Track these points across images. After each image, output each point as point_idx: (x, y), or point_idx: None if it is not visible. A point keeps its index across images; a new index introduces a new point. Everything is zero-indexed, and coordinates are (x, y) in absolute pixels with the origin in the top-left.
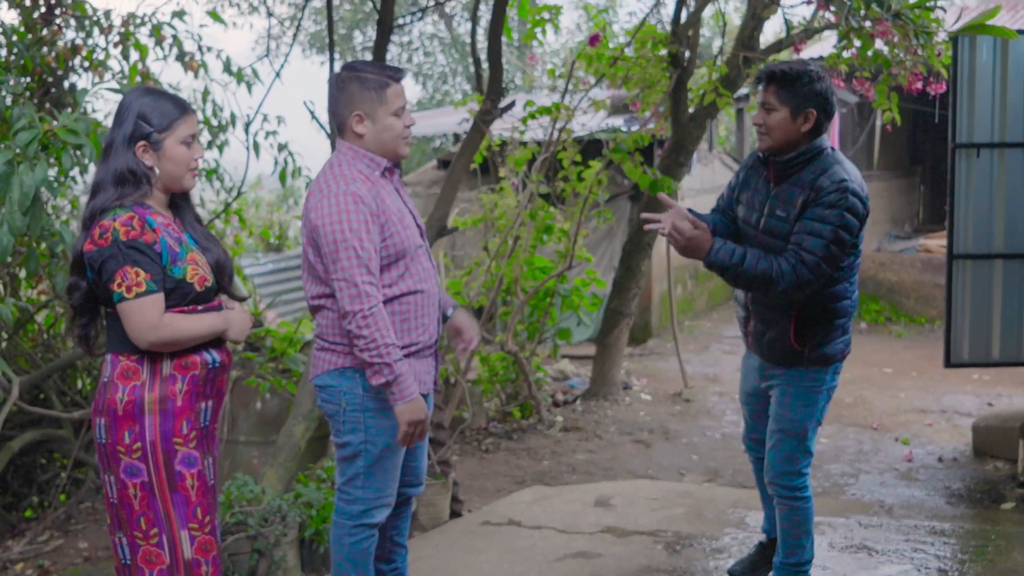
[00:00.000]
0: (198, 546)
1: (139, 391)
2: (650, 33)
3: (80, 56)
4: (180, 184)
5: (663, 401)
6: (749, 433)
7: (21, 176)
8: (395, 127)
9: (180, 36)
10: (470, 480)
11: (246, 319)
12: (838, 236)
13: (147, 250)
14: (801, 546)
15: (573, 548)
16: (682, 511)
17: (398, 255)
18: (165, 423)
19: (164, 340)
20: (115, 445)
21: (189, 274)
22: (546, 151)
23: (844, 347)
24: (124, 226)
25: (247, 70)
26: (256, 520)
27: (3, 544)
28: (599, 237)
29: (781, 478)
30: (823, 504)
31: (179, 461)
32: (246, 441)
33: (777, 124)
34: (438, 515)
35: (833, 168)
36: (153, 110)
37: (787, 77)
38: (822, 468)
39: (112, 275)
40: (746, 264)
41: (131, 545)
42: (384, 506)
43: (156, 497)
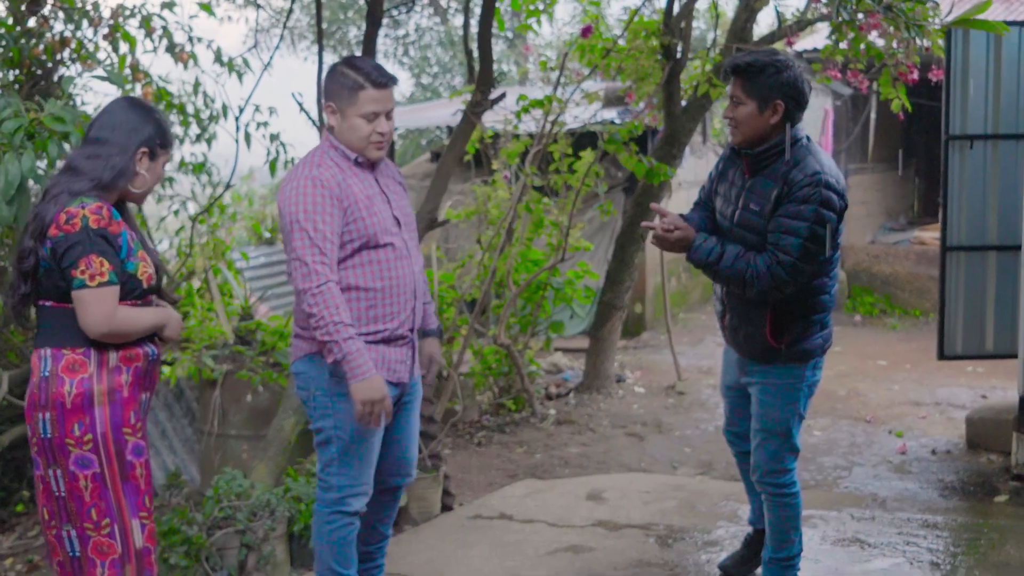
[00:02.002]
0: (148, 534)
1: (88, 383)
2: (643, 24)
3: (69, 48)
4: (142, 198)
5: (657, 394)
6: (729, 427)
7: (6, 165)
8: (361, 129)
9: (170, 27)
10: (462, 473)
11: (180, 320)
12: (814, 233)
13: (112, 241)
14: (790, 540)
15: (564, 542)
16: (675, 504)
17: (363, 241)
18: (115, 414)
19: (115, 331)
20: (64, 438)
21: (140, 270)
22: (538, 144)
23: (824, 342)
24: (94, 214)
25: (238, 60)
26: (244, 515)
27: None
28: (594, 229)
29: (768, 476)
30: (815, 497)
31: (130, 451)
32: (237, 435)
33: (745, 117)
34: (429, 509)
35: (806, 160)
36: (162, 127)
37: (752, 69)
38: (815, 461)
39: (76, 261)
40: (722, 264)
41: (81, 537)
42: (360, 494)
43: (108, 487)
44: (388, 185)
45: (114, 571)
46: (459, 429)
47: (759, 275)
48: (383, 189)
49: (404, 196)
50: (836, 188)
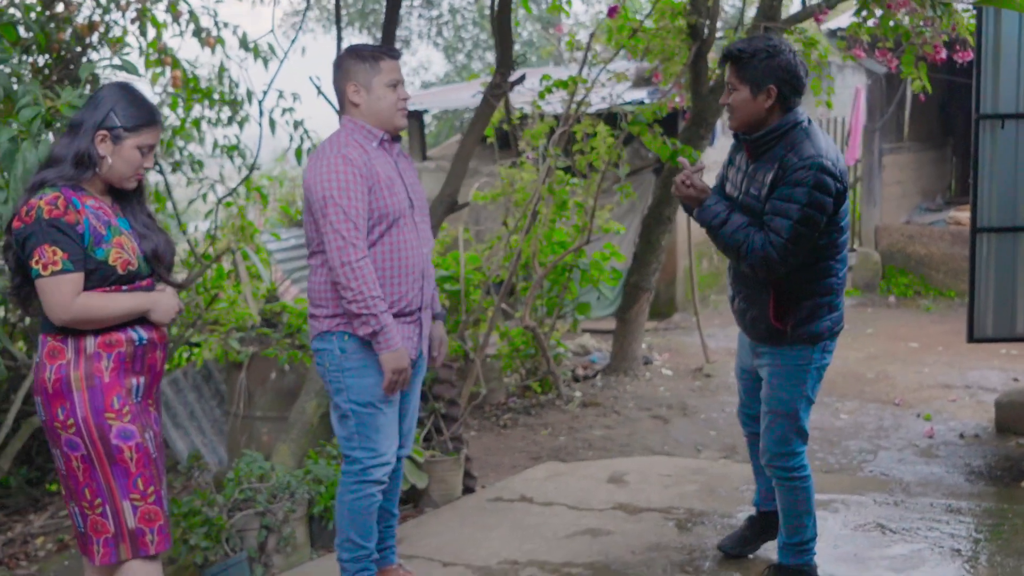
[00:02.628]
0: (141, 516)
1: (65, 369)
2: (670, 4)
3: (98, 33)
4: (123, 183)
5: (684, 376)
6: (743, 408)
7: (24, 153)
8: (388, 97)
9: (196, 12)
10: (486, 456)
11: (172, 302)
12: (806, 215)
13: (68, 230)
14: (804, 525)
15: (583, 525)
16: (695, 488)
17: (381, 219)
18: (95, 399)
19: (77, 318)
20: (52, 422)
21: (112, 257)
22: (563, 125)
23: (832, 325)
24: (48, 205)
25: (263, 46)
26: (265, 496)
27: (26, 518)
28: (623, 211)
29: (777, 459)
30: (838, 481)
31: (115, 435)
32: (262, 416)
33: (740, 103)
34: (450, 491)
35: (803, 144)
36: (126, 108)
37: (744, 55)
38: (840, 444)
39: (31, 252)
40: (723, 230)
41: (81, 514)
42: (383, 464)
43: (96, 469)
44: (405, 168)
45: (107, 549)
46: (485, 411)
47: (753, 250)
48: (397, 169)
49: (416, 178)
50: (832, 171)
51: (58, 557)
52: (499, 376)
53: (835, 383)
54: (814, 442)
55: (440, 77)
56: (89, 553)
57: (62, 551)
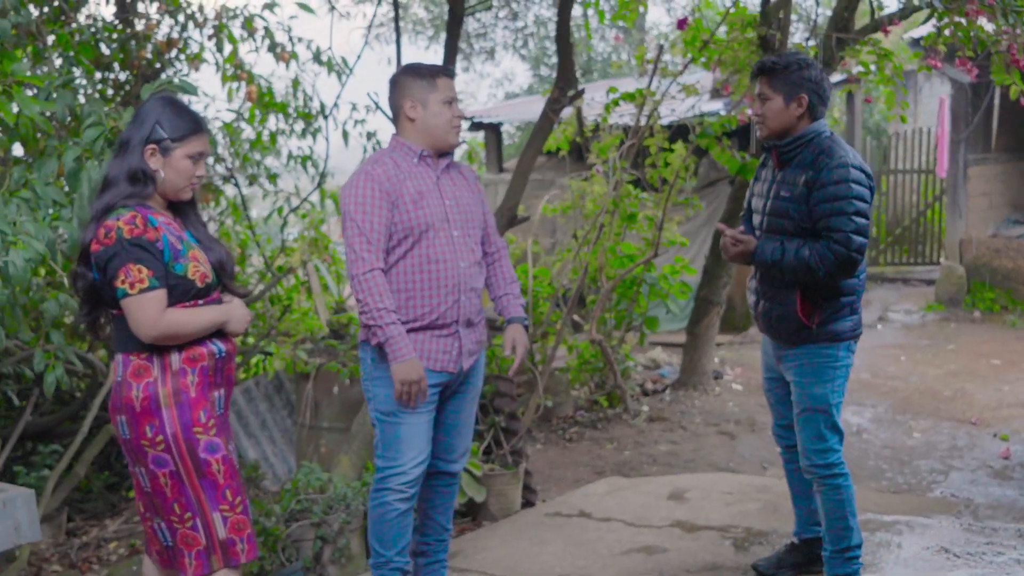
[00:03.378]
0: (231, 526)
1: (153, 387)
2: (741, 15)
3: (176, 49)
4: (178, 194)
5: (754, 391)
6: (776, 422)
7: (89, 172)
8: (442, 115)
9: (271, 28)
10: (551, 469)
11: (245, 312)
12: (857, 207)
13: (150, 247)
14: (848, 529)
15: (639, 542)
16: (757, 506)
17: (406, 233)
18: (183, 415)
19: (166, 334)
20: (139, 440)
21: (191, 271)
22: (632, 138)
23: (854, 326)
24: (128, 224)
25: (337, 59)
26: (321, 507)
27: (102, 523)
28: (698, 224)
29: (814, 457)
30: (904, 502)
31: (202, 449)
32: (329, 427)
33: (773, 112)
34: (509, 505)
35: (832, 148)
36: (171, 119)
37: (777, 67)
38: (911, 464)
39: (116, 272)
40: (784, 260)
41: (169, 528)
42: (399, 474)
43: (185, 484)
44: (451, 181)
45: (200, 561)
46: (552, 424)
47: (823, 257)
48: (440, 185)
49: (469, 193)
50: (863, 170)
51: (127, 562)
52: (567, 389)
53: (910, 400)
54: (883, 461)
55: (523, 88)
56: (180, 566)
57: (132, 556)
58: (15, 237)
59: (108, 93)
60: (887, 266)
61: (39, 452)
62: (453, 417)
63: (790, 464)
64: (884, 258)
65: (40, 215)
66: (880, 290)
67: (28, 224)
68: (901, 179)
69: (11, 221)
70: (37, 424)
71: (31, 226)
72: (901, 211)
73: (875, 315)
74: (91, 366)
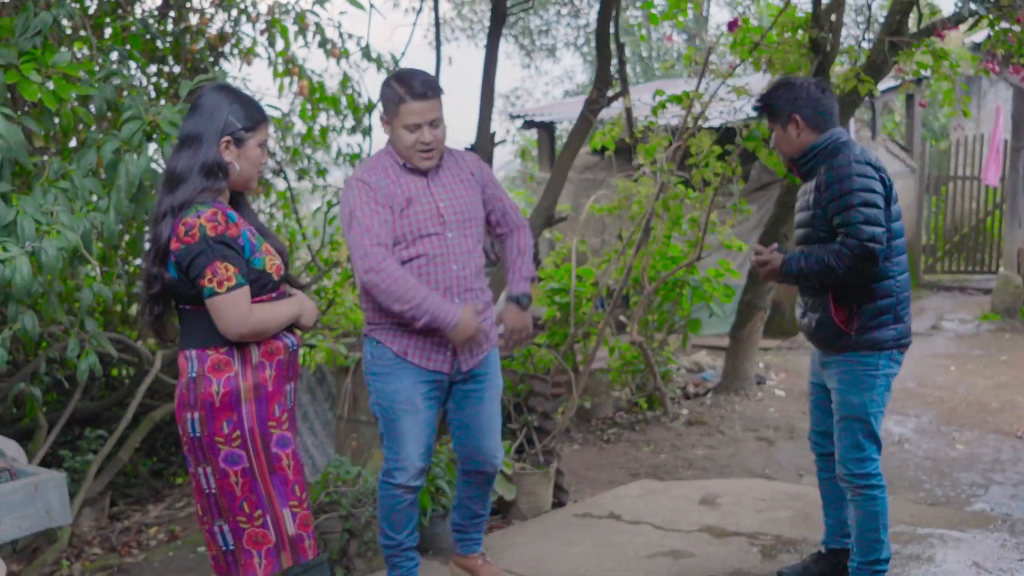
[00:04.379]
0: (299, 522)
1: (234, 381)
2: (791, 17)
3: (229, 44)
4: (248, 184)
5: (796, 398)
6: (813, 426)
7: (127, 165)
8: (404, 139)
9: (323, 24)
10: (585, 470)
11: (313, 305)
12: (864, 199)
13: (233, 244)
14: (879, 541)
15: (666, 546)
16: (789, 514)
17: (396, 240)
18: (260, 409)
19: (255, 331)
20: (213, 436)
21: (268, 264)
22: (678, 139)
23: (898, 335)
24: (210, 222)
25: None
26: (349, 500)
27: (144, 508)
28: (749, 228)
29: (851, 466)
30: (940, 515)
31: (275, 443)
32: (367, 420)
33: (779, 141)
34: (539, 504)
35: (839, 152)
36: (241, 110)
37: (764, 100)
38: (951, 476)
39: (202, 271)
40: (807, 265)
41: (234, 531)
42: (401, 469)
43: (257, 480)
44: (444, 182)
45: (270, 559)
46: (591, 425)
47: (840, 255)
48: (432, 189)
49: (465, 190)
50: (868, 162)
51: (165, 547)
52: (607, 390)
53: (956, 411)
54: (923, 472)
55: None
56: (247, 568)
57: (171, 541)
58: (49, 226)
59: (163, 86)
60: (944, 274)
61: (85, 437)
62: (473, 420)
63: (823, 472)
64: (941, 266)
65: (77, 205)
66: (936, 298)
67: (63, 214)
68: (961, 186)
69: (47, 211)
70: (85, 409)
71: (66, 216)
72: (960, 218)
73: (928, 323)
74: (137, 354)
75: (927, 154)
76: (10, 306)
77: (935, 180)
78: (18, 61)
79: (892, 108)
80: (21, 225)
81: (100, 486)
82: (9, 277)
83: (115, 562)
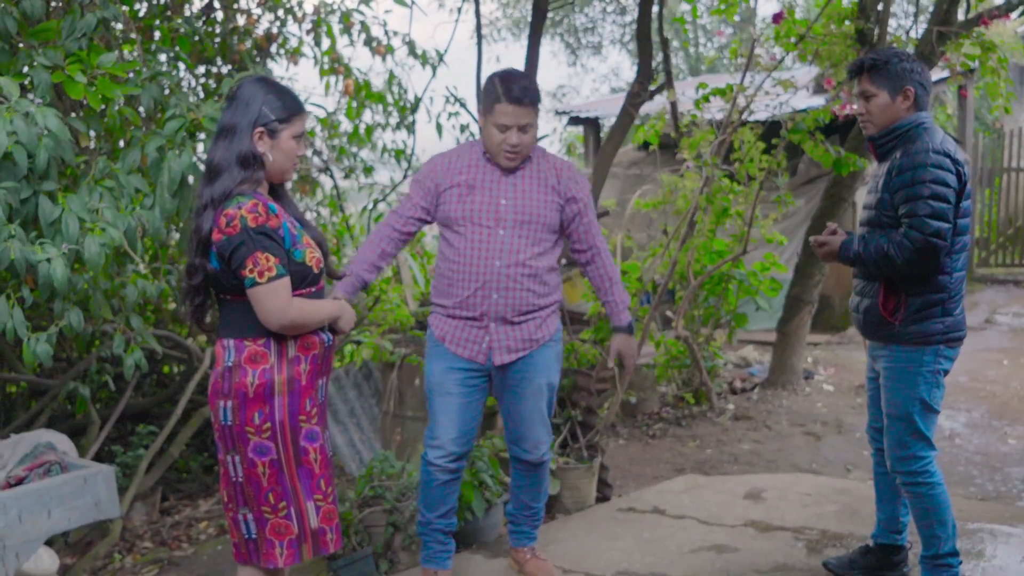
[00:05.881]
0: (323, 515)
1: (269, 374)
2: (838, 8)
3: (276, 43)
4: (283, 175)
5: (845, 393)
6: (870, 422)
7: (169, 163)
8: (493, 136)
9: (367, 22)
10: (630, 465)
11: (353, 313)
12: (935, 192)
13: (274, 235)
14: (937, 537)
15: (711, 540)
16: (835, 508)
17: (445, 220)
18: (292, 402)
19: (295, 322)
20: (243, 426)
21: (308, 257)
22: (723, 133)
23: (947, 329)
24: (251, 213)
25: (431, 54)
26: (393, 495)
27: (195, 503)
28: (796, 222)
29: (898, 464)
30: (989, 510)
31: (303, 437)
32: (413, 416)
33: (880, 108)
34: (583, 499)
35: (919, 134)
36: (275, 101)
37: (877, 63)
38: (1003, 471)
39: (243, 261)
40: (866, 251)
41: (258, 520)
42: (432, 447)
43: (284, 473)
44: (518, 182)
45: (292, 551)
46: (637, 420)
47: (901, 245)
48: (502, 184)
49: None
50: (947, 154)
51: (214, 541)
52: (653, 385)
53: (1008, 405)
54: (974, 467)
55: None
56: (268, 557)
57: (220, 536)
58: (93, 224)
59: (211, 86)
60: (998, 267)
61: (137, 433)
62: (514, 409)
63: (879, 467)
64: (995, 259)
65: (123, 203)
66: (989, 292)
67: (108, 211)
68: (1015, 177)
69: (92, 209)
70: (137, 405)
71: (110, 214)
72: (1014, 211)
73: (982, 317)
74: (187, 350)
75: (980, 146)
76: (56, 303)
77: (988, 172)
78: (64, 62)
79: (943, 100)
80: (66, 223)
81: (151, 481)
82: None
83: (165, 556)
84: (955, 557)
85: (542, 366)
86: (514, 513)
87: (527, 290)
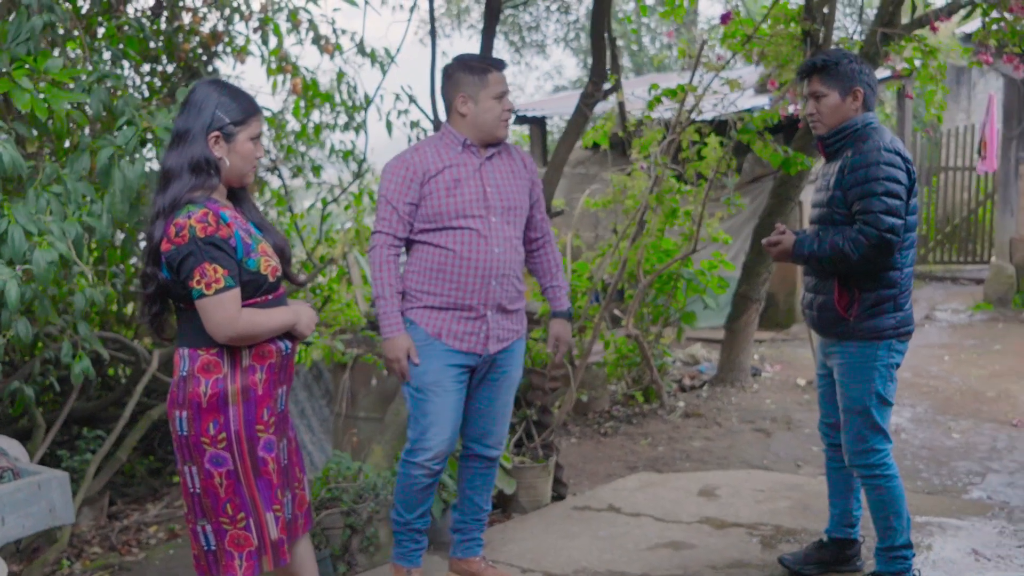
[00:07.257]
0: (281, 525)
1: (222, 383)
2: (784, 9)
3: (222, 43)
4: (242, 179)
5: (792, 389)
6: (822, 418)
7: (123, 171)
8: (494, 109)
9: (316, 20)
10: (583, 463)
11: (312, 315)
12: (888, 189)
13: (223, 245)
14: (892, 529)
15: (667, 537)
16: (788, 504)
17: (435, 217)
18: (248, 412)
19: (242, 335)
20: (199, 436)
21: (263, 266)
22: (672, 133)
23: (898, 324)
24: (200, 223)
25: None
26: (351, 496)
27: (143, 507)
28: (742, 220)
29: (856, 457)
30: (937, 503)
31: (261, 447)
32: (365, 417)
33: (830, 108)
34: (539, 498)
35: (869, 137)
36: (230, 103)
37: (828, 64)
38: (948, 465)
39: (191, 272)
40: (820, 248)
41: (216, 531)
42: (423, 449)
43: (242, 484)
44: (496, 167)
45: (251, 562)
46: (588, 419)
47: (856, 241)
48: (483, 172)
49: (515, 179)
50: (898, 152)
51: (165, 546)
52: (603, 384)
53: (951, 400)
54: (920, 461)
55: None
56: (227, 569)
57: (171, 540)
58: (40, 237)
59: (156, 85)
60: (936, 264)
61: (83, 437)
62: (486, 404)
63: (832, 462)
64: (933, 256)
65: (70, 210)
66: (928, 289)
67: (53, 224)
68: (952, 176)
69: (38, 219)
70: (83, 409)
71: (56, 226)
72: (952, 209)
73: (921, 314)
74: (134, 352)
75: (918, 145)
76: (2, 314)
77: (926, 171)
78: (10, 68)
79: (882, 100)
80: (12, 235)
81: (99, 485)
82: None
83: (115, 561)
84: (909, 549)
85: (517, 359)
86: (464, 520)
87: (516, 277)
